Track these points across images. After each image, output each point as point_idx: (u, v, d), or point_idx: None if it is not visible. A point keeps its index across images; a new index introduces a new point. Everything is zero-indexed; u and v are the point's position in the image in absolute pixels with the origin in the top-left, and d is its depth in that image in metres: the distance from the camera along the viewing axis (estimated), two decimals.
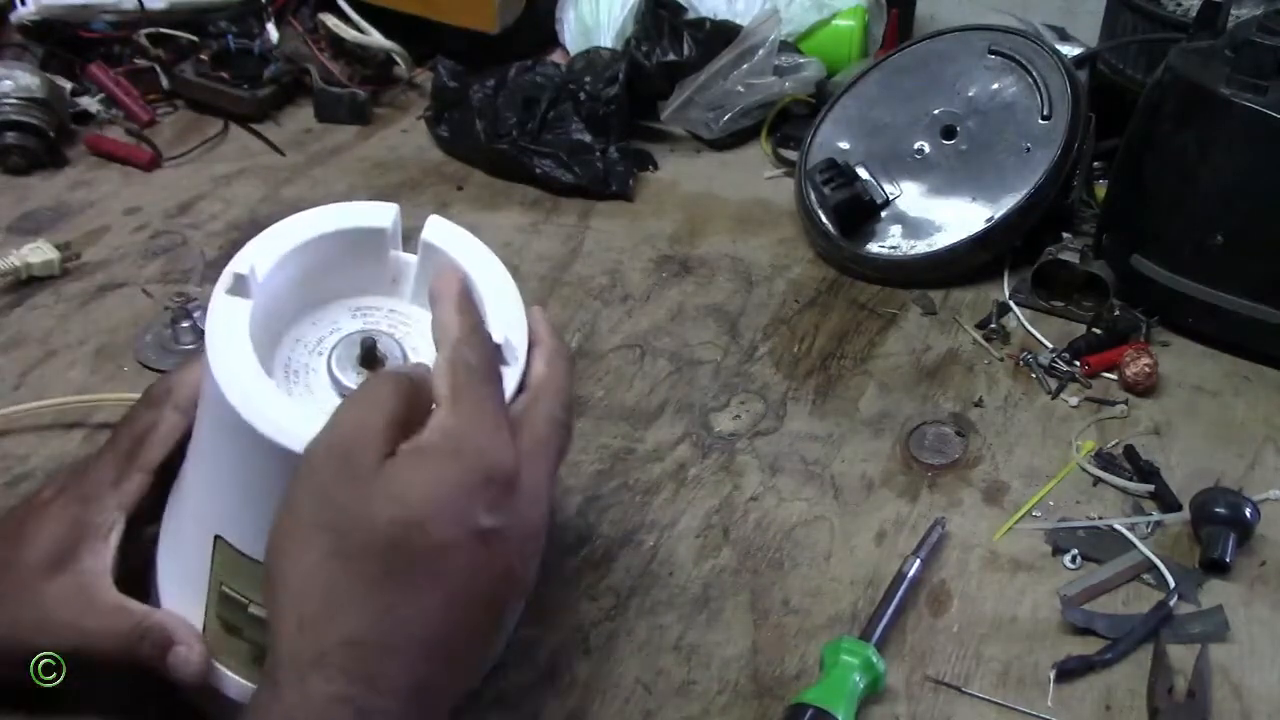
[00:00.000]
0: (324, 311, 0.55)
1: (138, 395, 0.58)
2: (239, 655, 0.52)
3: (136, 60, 1.20)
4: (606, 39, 1.21)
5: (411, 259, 0.56)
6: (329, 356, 0.52)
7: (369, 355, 0.52)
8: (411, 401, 0.46)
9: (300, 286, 0.53)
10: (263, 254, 0.51)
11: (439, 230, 0.54)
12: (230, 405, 0.46)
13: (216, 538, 0.50)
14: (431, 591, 0.43)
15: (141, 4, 1.18)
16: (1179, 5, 1.04)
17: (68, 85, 1.14)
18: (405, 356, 0.53)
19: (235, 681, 0.53)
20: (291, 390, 0.51)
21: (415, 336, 0.55)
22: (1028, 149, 0.95)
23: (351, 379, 0.51)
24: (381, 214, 0.54)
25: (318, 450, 0.44)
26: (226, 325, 0.48)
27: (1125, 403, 0.82)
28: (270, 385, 0.47)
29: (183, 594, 0.53)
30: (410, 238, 0.55)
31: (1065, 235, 0.94)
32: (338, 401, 0.50)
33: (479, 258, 0.54)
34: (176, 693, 0.54)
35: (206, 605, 0.52)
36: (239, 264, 0.50)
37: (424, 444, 0.44)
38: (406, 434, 0.45)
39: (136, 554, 0.55)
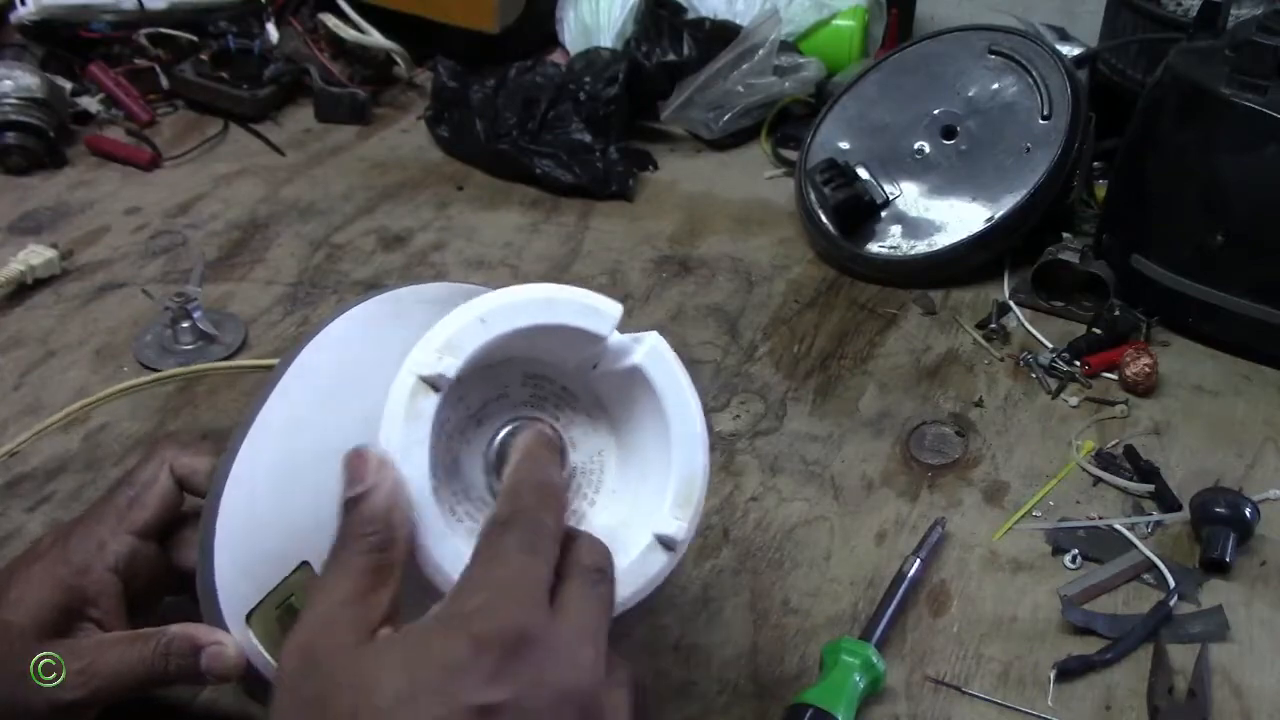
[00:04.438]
0: (495, 370, 0.49)
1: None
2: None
3: (136, 60, 1.20)
4: (606, 39, 1.21)
5: (616, 347, 0.50)
6: (491, 447, 0.48)
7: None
8: (385, 575, 0.41)
9: (485, 351, 0.47)
10: (470, 340, 0.45)
11: (655, 356, 0.50)
12: None
13: (304, 562, 0.48)
14: None
15: (141, 4, 1.18)
16: (1179, 5, 1.04)
17: (68, 85, 1.15)
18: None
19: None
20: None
21: (575, 429, 0.51)
22: (1028, 149, 0.95)
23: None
24: (605, 317, 0.49)
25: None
26: (406, 425, 0.43)
27: (1125, 403, 0.82)
28: (432, 507, 0.43)
29: (233, 560, 0.49)
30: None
31: (1065, 235, 0.94)
32: (486, 498, 0.48)
33: (678, 397, 0.50)
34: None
35: (266, 596, 0.49)
36: (445, 358, 0.44)
37: (412, 625, 0.40)
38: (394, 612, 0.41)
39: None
